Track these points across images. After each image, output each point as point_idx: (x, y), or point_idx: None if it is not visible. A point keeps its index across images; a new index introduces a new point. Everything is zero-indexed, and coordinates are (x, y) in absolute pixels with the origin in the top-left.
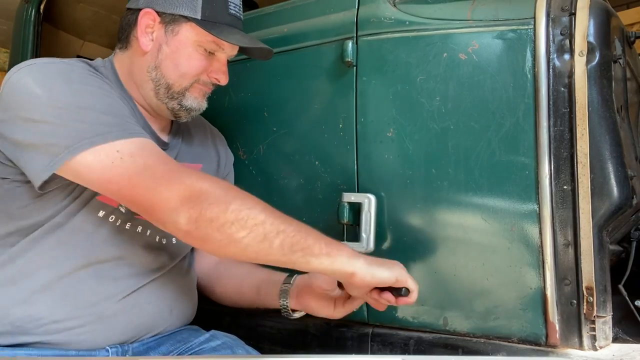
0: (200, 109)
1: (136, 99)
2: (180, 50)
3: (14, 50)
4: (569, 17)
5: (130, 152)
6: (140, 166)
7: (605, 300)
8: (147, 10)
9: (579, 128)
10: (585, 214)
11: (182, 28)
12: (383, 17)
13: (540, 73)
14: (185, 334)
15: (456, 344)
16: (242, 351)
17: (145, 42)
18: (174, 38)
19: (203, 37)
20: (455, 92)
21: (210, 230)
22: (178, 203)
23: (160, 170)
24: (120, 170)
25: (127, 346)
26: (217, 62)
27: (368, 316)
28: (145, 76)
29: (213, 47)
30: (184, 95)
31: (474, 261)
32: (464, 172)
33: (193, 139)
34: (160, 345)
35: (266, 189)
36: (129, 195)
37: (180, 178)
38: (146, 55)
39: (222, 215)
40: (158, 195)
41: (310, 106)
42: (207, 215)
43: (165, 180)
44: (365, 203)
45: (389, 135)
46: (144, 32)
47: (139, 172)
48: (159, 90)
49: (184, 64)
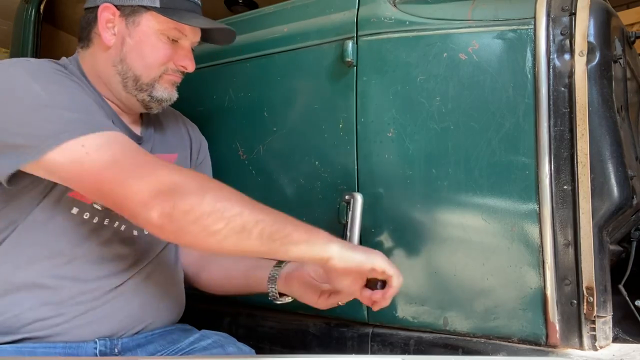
0: (171, 99)
1: (105, 95)
2: (143, 40)
3: (14, 50)
4: (569, 17)
5: (97, 147)
6: (108, 160)
7: (606, 300)
8: (105, 5)
9: (579, 128)
10: (586, 214)
11: (142, 18)
12: (383, 17)
13: (541, 73)
14: (175, 335)
15: (456, 344)
16: (233, 348)
17: (107, 37)
18: (136, 29)
19: (165, 25)
20: (456, 92)
21: (185, 223)
22: (149, 196)
23: (129, 163)
24: (88, 166)
25: (117, 340)
26: (182, 50)
27: (368, 316)
28: (112, 70)
29: (176, 34)
30: (154, 86)
31: (474, 261)
32: (464, 172)
33: (165, 129)
34: (151, 342)
35: (266, 189)
36: (98, 191)
37: (151, 170)
38: (110, 50)
39: (198, 207)
40: (128, 189)
41: (310, 106)
42: (181, 208)
43: (135, 173)
44: (351, 202)
45: (389, 135)
46: (105, 27)
47: (107, 167)
48: (127, 83)
49: (148, 54)
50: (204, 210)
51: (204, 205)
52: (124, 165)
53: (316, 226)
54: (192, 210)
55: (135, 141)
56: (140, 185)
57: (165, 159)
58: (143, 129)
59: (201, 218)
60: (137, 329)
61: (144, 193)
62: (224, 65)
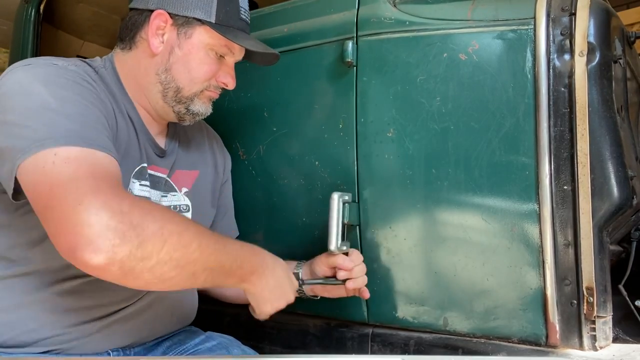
0: (206, 114)
1: (137, 100)
2: (192, 53)
3: (14, 50)
4: (569, 17)
5: (67, 158)
6: (67, 175)
7: (606, 300)
8: (160, 12)
9: (579, 128)
10: (586, 214)
11: (195, 31)
12: (383, 17)
13: (541, 73)
14: (181, 336)
15: (456, 344)
16: (237, 351)
17: (155, 44)
18: (187, 41)
19: (216, 41)
20: (456, 92)
21: (138, 269)
22: (98, 235)
23: (88, 185)
24: (45, 176)
25: (129, 350)
26: (226, 66)
27: (368, 316)
28: (154, 78)
29: (224, 51)
30: (193, 100)
31: (474, 261)
32: (464, 172)
33: (190, 143)
34: (158, 346)
35: (266, 189)
36: (43, 208)
37: (110, 201)
38: (156, 58)
39: (156, 255)
40: (76, 216)
41: (310, 106)
42: (137, 255)
43: (88, 201)
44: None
45: (389, 135)
46: (154, 33)
47: (63, 182)
48: (167, 93)
49: (195, 68)
50: (161, 258)
51: (162, 254)
52: (81, 186)
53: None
54: (149, 258)
55: (157, 154)
56: (90, 218)
57: (186, 175)
58: (168, 141)
59: (157, 266)
60: (149, 339)
61: (92, 229)
62: None
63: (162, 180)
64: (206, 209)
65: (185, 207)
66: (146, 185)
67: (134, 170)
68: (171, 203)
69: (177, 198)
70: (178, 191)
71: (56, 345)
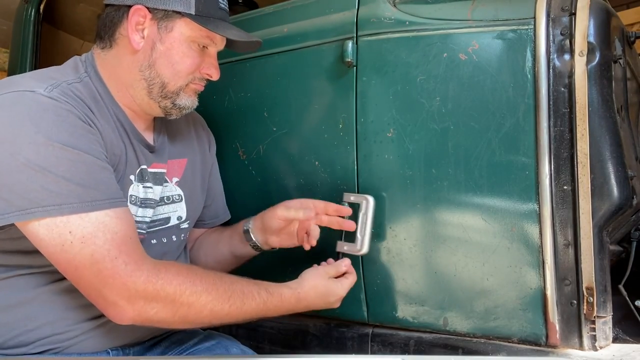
0: (192, 107)
1: (121, 101)
2: (175, 47)
3: (14, 51)
4: (569, 17)
5: (83, 236)
6: (87, 258)
7: (606, 300)
8: (138, 7)
9: (579, 128)
10: (586, 214)
11: (175, 24)
12: (383, 17)
13: (541, 73)
14: (180, 335)
15: (456, 344)
16: (236, 350)
17: (136, 40)
18: (168, 35)
19: (198, 32)
20: (456, 93)
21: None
22: (123, 307)
23: (108, 268)
24: (69, 257)
25: (129, 349)
26: (209, 57)
27: (368, 316)
28: (138, 75)
29: (206, 42)
30: (179, 94)
31: (474, 261)
32: (464, 172)
33: (175, 133)
34: (157, 345)
35: (266, 189)
36: (75, 282)
37: (127, 283)
38: (137, 54)
39: (170, 319)
40: (101, 298)
41: (310, 106)
42: (154, 319)
43: (110, 282)
44: (363, 204)
45: (389, 135)
46: (134, 29)
47: (86, 265)
48: (152, 89)
49: (179, 62)
50: (174, 321)
51: (176, 318)
52: (102, 269)
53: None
54: (164, 321)
55: (148, 151)
56: (114, 296)
57: (176, 164)
58: (156, 135)
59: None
60: (148, 338)
61: (117, 309)
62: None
63: (162, 174)
64: (197, 195)
65: (178, 197)
66: (149, 185)
67: (134, 173)
68: (164, 194)
69: (169, 189)
70: (169, 181)
71: (55, 345)
